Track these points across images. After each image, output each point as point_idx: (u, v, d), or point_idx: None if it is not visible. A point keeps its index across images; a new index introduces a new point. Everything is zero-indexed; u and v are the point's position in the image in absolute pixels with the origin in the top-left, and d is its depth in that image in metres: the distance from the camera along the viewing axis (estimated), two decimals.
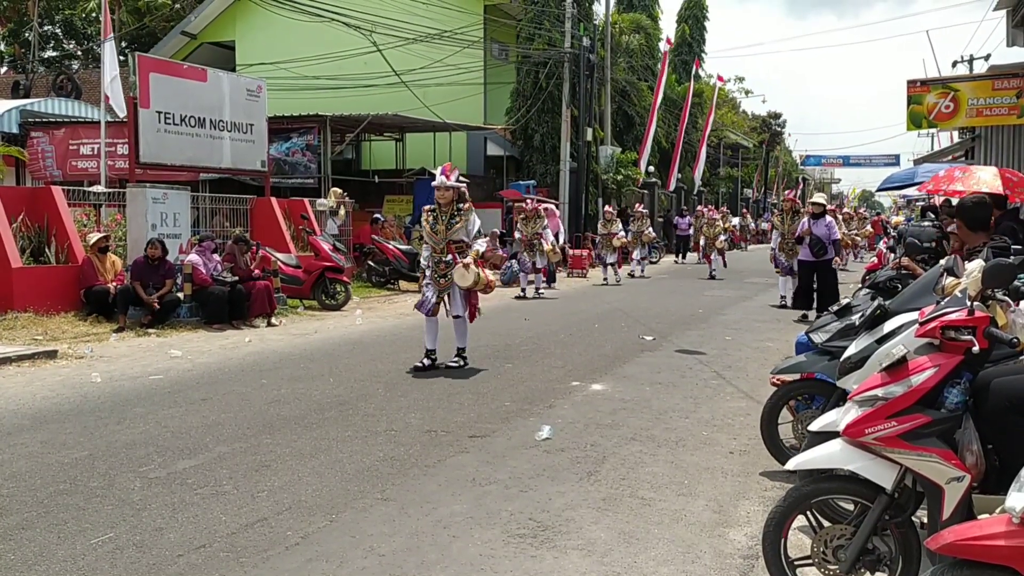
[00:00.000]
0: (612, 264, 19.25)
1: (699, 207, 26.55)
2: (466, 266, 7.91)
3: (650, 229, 21.98)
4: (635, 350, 9.63)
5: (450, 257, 8.07)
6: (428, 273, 8.25)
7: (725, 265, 22.01)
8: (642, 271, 21.55)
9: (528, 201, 16.64)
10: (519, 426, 6.10)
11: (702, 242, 21.91)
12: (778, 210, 15.63)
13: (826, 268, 12.01)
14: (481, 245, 8.20)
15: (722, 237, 21.67)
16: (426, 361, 8.13)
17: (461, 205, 8.14)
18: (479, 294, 8.43)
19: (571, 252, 22.59)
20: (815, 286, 12.16)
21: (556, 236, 18.06)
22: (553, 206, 19.09)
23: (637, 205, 22.92)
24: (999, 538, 2.44)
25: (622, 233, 19.63)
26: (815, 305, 12.15)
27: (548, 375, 8.05)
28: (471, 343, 8.59)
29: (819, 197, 12.86)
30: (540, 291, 16.13)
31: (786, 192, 15.84)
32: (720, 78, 41.04)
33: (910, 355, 3.07)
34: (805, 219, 12.41)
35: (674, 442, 5.75)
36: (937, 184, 7.99)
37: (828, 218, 12.25)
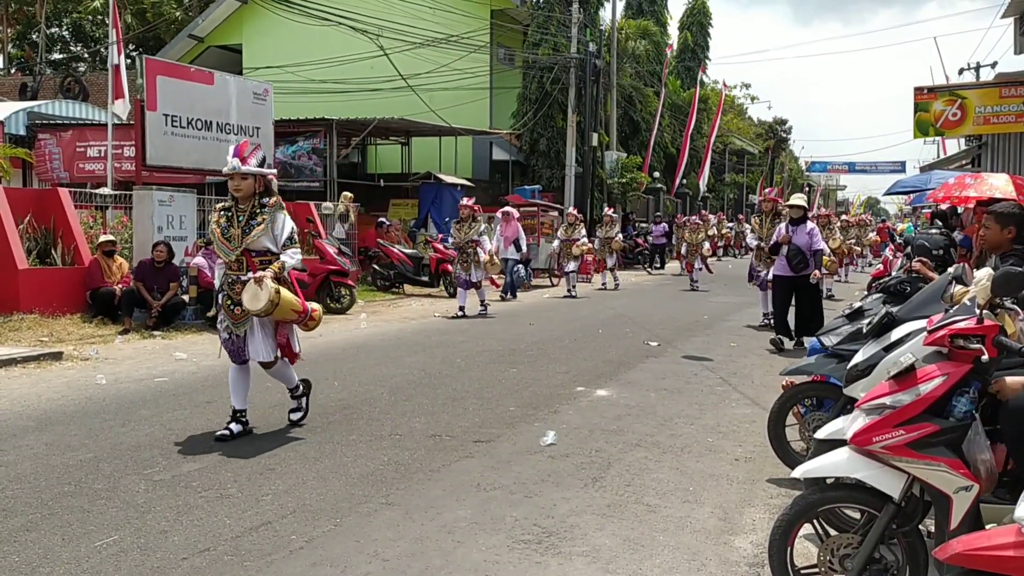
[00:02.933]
0: (572, 272, 17.22)
1: (678, 214, 25.20)
2: (259, 281, 5.54)
3: (620, 236, 19.88)
4: (640, 356, 9.61)
5: (250, 275, 5.75)
6: (220, 299, 5.96)
7: (710, 271, 20.35)
8: (616, 283, 19.33)
9: (466, 201, 13.95)
10: (524, 431, 6.08)
11: (683, 249, 19.88)
12: (756, 212, 13.04)
13: (807, 285, 9.84)
14: (292, 257, 5.85)
15: (706, 245, 19.61)
16: (234, 427, 5.80)
17: (266, 200, 5.87)
18: (296, 328, 6.10)
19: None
20: (792, 306, 10.04)
21: (516, 243, 16.19)
22: (512, 210, 16.80)
23: (607, 209, 20.78)
24: (1008, 548, 2.43)
25: (583, 240, 17.50)
26: (794, 329, 10.10)
27: (553, 380, 8.04)
28: (480, 345, 8.51)
29: (798, 199, 10.42)
30: (485, 308, 13.48)
31: (766, 191, 13.09)
32: (725, 85, 41.03)
33: (918, 363, 3.06)
34: (782, 225, 10.23)
35: (679, 448, 5.74)
36: (948, 191, 7.96)
37: (810, 224, 10.12)
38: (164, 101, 12.45)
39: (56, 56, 38.25)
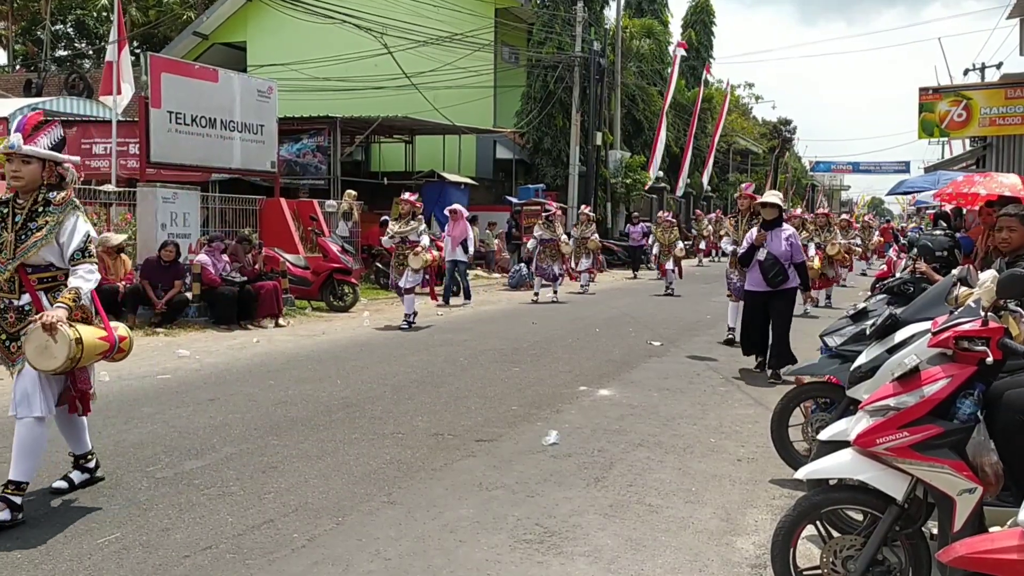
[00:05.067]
0: (560, 276, 15.94)
1: (660, 212, 22.26)
2: (49, 329, 4.01)
3: (596, 236, 18.08)
4: (643, 355, 9.61)
5: (27, 299, 4.26)
6: None
7: (680, 276, 18.11)
8: (587, 285, 17.90)
9: (407, 195, 12.23)
10: (526, 431, 6.08)
11: (655, 250, 18.19)
12: (731, 213, 11.18)
13: (784, 302, 8.15)
14: (86, 280, 4.23)
15: (680, 244, 17.66)
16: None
17: (52, 196, 4.33)
18: (92, 365, 4.47)
19: None
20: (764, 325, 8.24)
21: (464, 244, 14.78)
22: (460, 207, 15.39)
23: (583, 208, 18.92)
24: (1011, 552, 2.42)
25: (565, 237, 16.16)
26: (768, 350, 8.32)
27: (555, 380, 8.03)
28: (482, 344, 8.46)
29: (772, 196, 8.64)
30: (410, 320, 11.54)
31: (742, 186, 11.10)
32: (728, 84, 40.96)
33: (923, 365, 3.05)
34: (754, 228, 8.35)
35: (682, 449, 5.73)
36: (957, 189, 7.93)
37: (789, 229, 8.32)
38: (168, 98, 12.46)
39: (60, 53, 38.33)
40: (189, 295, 11.23)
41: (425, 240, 11.60)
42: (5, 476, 4.21)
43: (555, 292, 15.85)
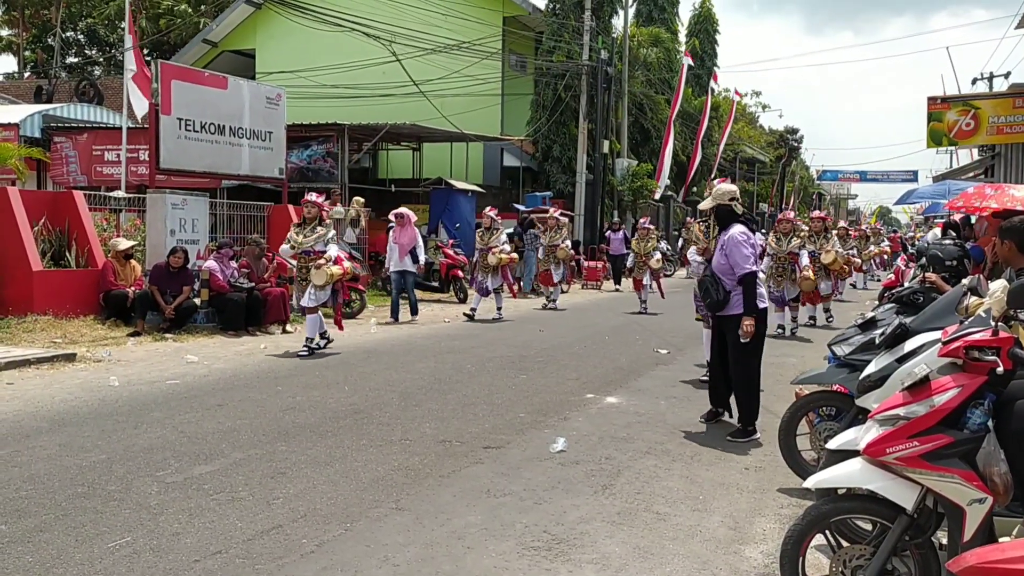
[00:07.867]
0: (496, 290, 13.88)
1: (641, 219, 19.25)
2: None
3: (567, 244, 16.06)
4: (650, 363, 9.60)
5: None
6: None
7: (663, 296, 16.12)
8: (554, 301, 15.90)
9: (314, 196, 10.20)
10: (534, 438, 6.09)
11: (629, 262, 16.24)
12: (700, 218, 9.18)
13: (734, 333, 6.20)
14: None
15: (656, 255, 15.41)
16: None
17: None
18: None
19: (585, 264, 22.57)
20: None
21: (414, 253, 13.18)
22: (408, 212, 13.63)
23: (552, 210, 17.18)
24: (1022, 562, 2.42)
25: (505, 247, 13.91)
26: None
27: (563, 387, 8.04)
28: (490, 351, 8.45)
29: (718, 192, 6.46)
30: (311, 345, 9.68)
31: (715, 182, 7.61)
32: (737, 92, 40.95)
33: (933, 375, 3.05)
34: (698, 230, 6.16)
35: (689, 456, 5.73)
36: (968, 201, 7.93)
37: (734, 228, 6.22)
38: (178, 105, 12.53)
39: (71, 60, 38.60)
40: (197, 301, 11.28)
41: (332, 251, 9.87)
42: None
43: (498, 308, 13.99)
